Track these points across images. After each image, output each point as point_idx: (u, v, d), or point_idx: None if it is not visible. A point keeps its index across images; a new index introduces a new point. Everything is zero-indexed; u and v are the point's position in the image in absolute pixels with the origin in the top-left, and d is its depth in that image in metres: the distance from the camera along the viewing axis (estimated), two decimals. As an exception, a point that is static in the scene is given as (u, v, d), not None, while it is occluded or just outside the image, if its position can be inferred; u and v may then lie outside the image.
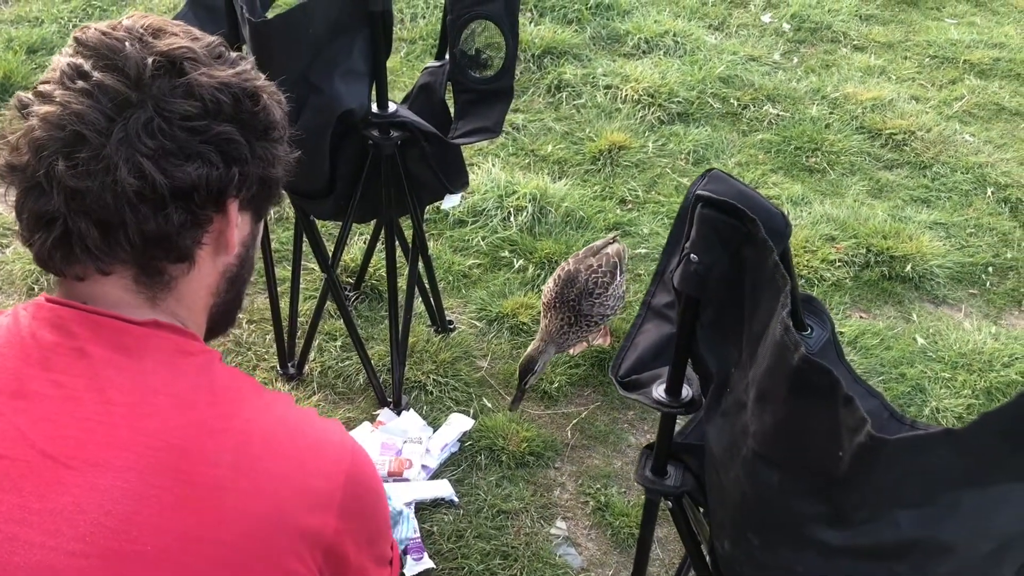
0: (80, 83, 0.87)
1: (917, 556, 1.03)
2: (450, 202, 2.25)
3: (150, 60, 0.87)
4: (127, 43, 0.89)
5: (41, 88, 0.89)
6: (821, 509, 1.05)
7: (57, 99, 0.86)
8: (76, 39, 0.91)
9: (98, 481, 0.82)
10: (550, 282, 2.57)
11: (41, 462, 0.82)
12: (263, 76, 0.98)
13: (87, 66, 0.88)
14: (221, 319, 1.06)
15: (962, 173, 3.57)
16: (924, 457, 0.94)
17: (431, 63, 2.15)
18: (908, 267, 3.03)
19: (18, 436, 0.83)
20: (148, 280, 0.93)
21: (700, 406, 1.29)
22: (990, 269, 3.12)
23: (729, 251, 1.12)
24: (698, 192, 1.12)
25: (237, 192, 0.94)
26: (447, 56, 2.07)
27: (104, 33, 0.89)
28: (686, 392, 1.29)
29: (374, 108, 1.96)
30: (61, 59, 0.90)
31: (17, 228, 0.93)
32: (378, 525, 1.02)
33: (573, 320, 2.42)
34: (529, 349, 2.42)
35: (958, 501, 0.98)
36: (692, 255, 1.14)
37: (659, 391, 1.30)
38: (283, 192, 1.06)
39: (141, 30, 0.90)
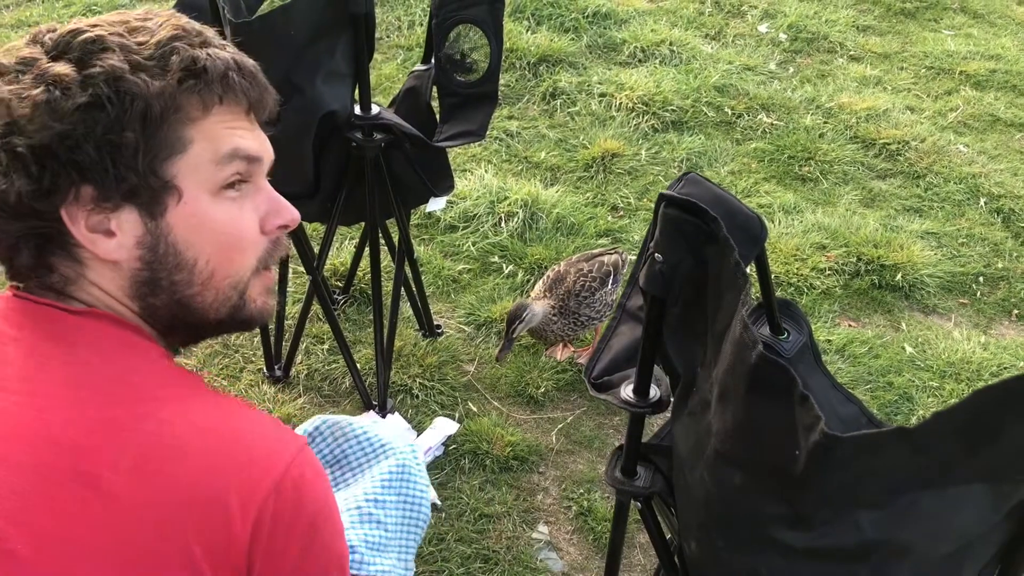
0: None
1: (878, 558, 1.03)
2: (435, 205, 2.25)
3: None
4: None
5: None
6: (782, 510, 1.05)
7: None
8: None
9: None
10: (539, 283, 2.58)
11: None
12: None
13: None
14: (179, 323, 0.98)
15: (955, 183, 3.57)
16: (880, 456, 0.94)
17: (417, 67, 2.16)
18: (899, 276, 3.03)
19: None
20: (48, 279, 0.92)
21: (668, 406, 1.29)
22: (981, 279, 3.11)
23: (693, 251, 1.12)
24: (661, 192, 1.12)
25: (56, 201, 0.88)
26: (433, 60, 2.08)
27: None
28: (654, 392, 1.29)
29: (357, 110, 1.97)
30: None
31: None
32: (308, 560, 0.91)
33: (562, 311, 2.46)
34: (517, 301, 2.49)
35: (916, 502, 0.98)
36: (657, 255, 1.14)
37: (627, 391, 1.30)
38: (162, 177, 0.91)
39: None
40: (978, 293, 3.07)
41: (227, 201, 0.95)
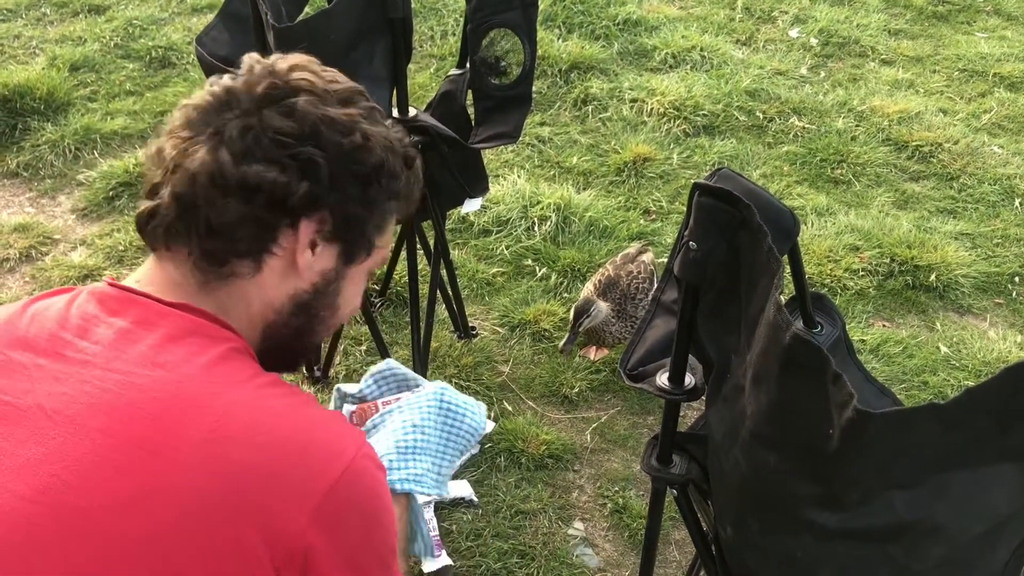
0: (215, 86, 1.02)
1: (910, 538, 1.04)
2: (470, 206, 2.29)
3: (266, 82, 1.01)
4: (257, 66, 1.03)
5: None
6: (816, 490, 1.07)
7: (196, 95, 1.03)
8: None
9: (69, 438, 0.88)
10: (589, 285, 2.62)
11: (34, 413, 0.90)
12: (394, 130, 1.09)
13: (228, 77, 1.03)
14: (283, 346, 1.09)
15: (989, 184, 3.55)
16: (912, 434, 0.96)
17: (452, 71, 2.20)
18: (932, 277, 3.02)
19: (28, 388, 0.91)
20: (207, 266, 1.00)
21: (702, 394, 1.32)
22: (1016, 279, 3.10)
23: (726, 238, 1.15)
24: (696, 182, 1.15)
25: (308, 211, 1.01)
26: (468, 64, 2.13)
27: (257, 61, 1.05)
28: (689, 380, 1.31)
29: (395, 113, 2.02)
30: None
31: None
32: (363, 550, 0.96)
33: (620, 315, 2.53)
34: (583, 295, 2.56)
35: (949, 481, 0.99)
36: (691, 243, 1.17)
37: (662, 379, 1.32)
38: (376, 243, 1.10)
39: (283, 62, 1.04)
40: (1014, 293, 3.05)
41: (363, 279, 1.14)
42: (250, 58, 1.05)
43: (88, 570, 0.85)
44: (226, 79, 1.03)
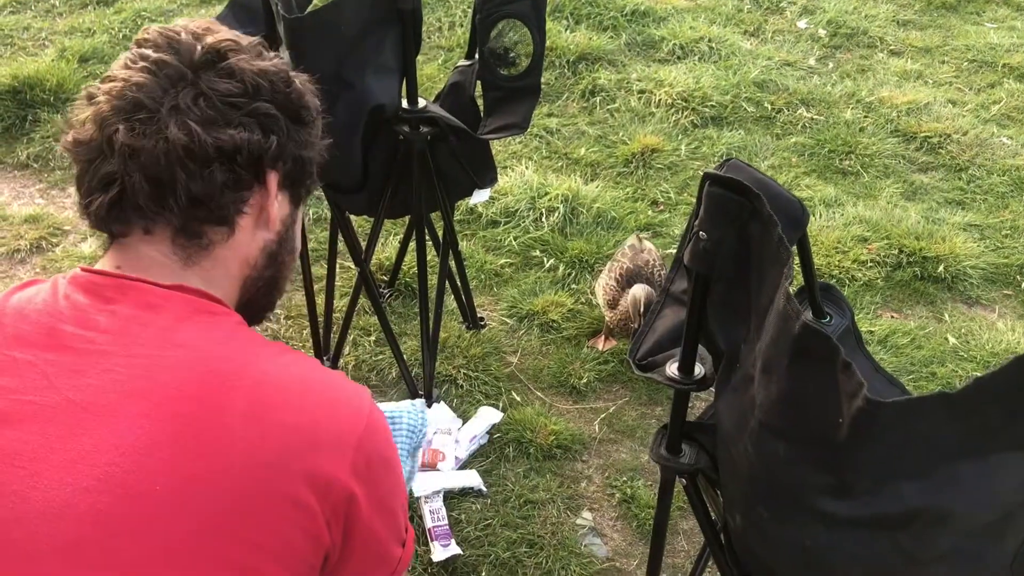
0: (142, 63, 1.00)
1: (919, 526, 1.05)
2: (479, 197, 2.30)
3: (199, 47, 1.01)
4: (182, 34, 1.03)
5: (107, 75, 1.02)
6: (825, 479, 1.07)
7: (120, 77, 0.99)
8: (138, 38, 1.04)
9: (116, 426, 0.88)
10: (610, 280, 2.61)
11: (66, 408, 0.89)
12: (295, 70, 1.11)
13: (149, 51, 1.01)
14: (259, 297, 1.13)
15: (998, 175, 3.55)
16: (921, 423, 0.96)
17: (461, 62, 2.21)
18: (941, 268, 3.02)
19: (47, 385, 0.90)
20: (186, 241, 1.01)
21: (712, 384, 1.32)
22: (1025, 270, 3.10)
23: (736, 227, 1.15)
24: (706, 171, 1.16)
25: (274, 163, 1.04)
26: (476, 55, 2.13)
27: (161, 30, 1.04)
28: (698, 370, 1.32)
29: (404, 104, 2.02)
30: (125, 54, 1.03)
31: (77, 199, 1.03)
32: (390, 495, 1.04)
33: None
34: (647, 288, 2.51)
35: (957, 470, 0.99)
36: (701, 232, 1.17)
37: (672, 369, 1.33)
38: (317, 176, 1.15)
39: (193, 27, 1.04)
40: (1022, 284, 3.05)
41: (301, 219, 1.19)
42: (154, 30, 1.05)
43: (166, 553, 0.86)
44: (148, 52, 1.01)
